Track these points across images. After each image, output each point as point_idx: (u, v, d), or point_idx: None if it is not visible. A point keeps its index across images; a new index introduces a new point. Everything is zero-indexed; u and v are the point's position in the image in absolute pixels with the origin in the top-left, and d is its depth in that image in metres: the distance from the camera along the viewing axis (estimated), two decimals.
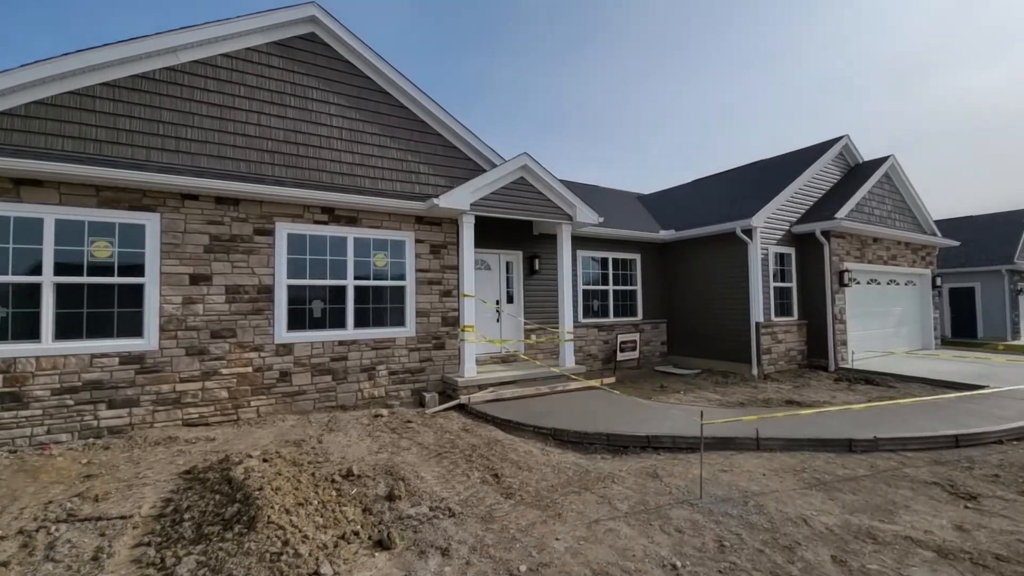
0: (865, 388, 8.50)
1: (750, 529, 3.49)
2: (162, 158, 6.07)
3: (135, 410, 5.78)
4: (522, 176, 8.23)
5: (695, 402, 7.51)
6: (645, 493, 4.13)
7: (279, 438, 5.66)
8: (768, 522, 3.60)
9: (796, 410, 6.84)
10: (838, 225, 9.87)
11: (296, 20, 6.97)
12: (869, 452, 5.15)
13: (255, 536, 3.08)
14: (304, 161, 6.98)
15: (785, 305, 10.34)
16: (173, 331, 6.02)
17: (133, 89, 5.97)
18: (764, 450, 5.23)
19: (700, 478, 4.17)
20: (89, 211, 5.66)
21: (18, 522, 3.62)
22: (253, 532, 3.13)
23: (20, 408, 5.25)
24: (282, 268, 6.71)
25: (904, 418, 6.10)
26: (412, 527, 3.49)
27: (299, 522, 3.30)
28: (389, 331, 7.51)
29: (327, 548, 3.11)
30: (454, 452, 5.23)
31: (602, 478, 4.49)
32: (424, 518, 3.62)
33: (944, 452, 5.18)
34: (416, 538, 3.35)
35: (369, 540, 3.32)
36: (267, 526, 3.16)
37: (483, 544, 3.28)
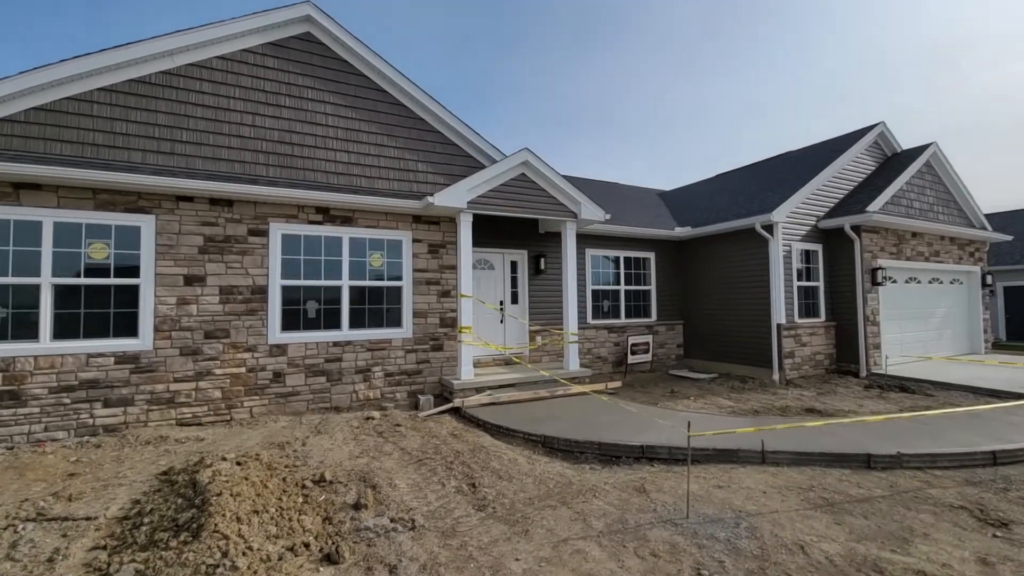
0: (898, 396, 7.79)
1: (736, 556, 3.12)
2: (158, 160, 6.15)
3: (130, 409, 5.86)
4: (523, 172, 7.97)
5: (703, 409, 7.05)
6: (627, 510, 3.80)
7: (266, 440, 5.61)
8: (759, 548, 3.21)
9: (814, 420, 6.30)
10: (869, 219, 9.12)
11: (291, 20, 6.96)
12: (891, 469, 4.63)
13: (197, 546, 2.96)
14: (299, 161, 6.96)
15: (811, 306, 9.66)
16: (167, 331, 6.08)
17: (130, 93, 6.08)
18: (770, 464, 4.79)
19: (687, 494, 3.81)
20: (86, 213, 5.78)
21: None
22: (197, 541, 3.01)
23: (19, 406, 5.39)
24: (276, 268, 6.69)
25: (937, 431, 5.50)
26: (367, 540, 3.30)
27: (248, 532, 3.16)
28: (385, 332, 7.39)
29: (270, 561, 2.96)
30: (436, 458, 5.02)
31: (584, 491, 4.18)
32: (383, 530, 3.43)
33: (979, 471, 4.60)
34: (368, 553, 3.16)
35: (320, 553, 3.15)
36: (212, 535, 3.03)
37: (435, 563, 3.05)
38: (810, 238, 9.72)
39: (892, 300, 10.04)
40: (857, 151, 10.49)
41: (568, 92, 63.03)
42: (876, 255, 9.66)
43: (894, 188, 9.81)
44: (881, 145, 11.06)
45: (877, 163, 10.96)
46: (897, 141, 11.01)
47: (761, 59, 67.21)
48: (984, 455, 4.78)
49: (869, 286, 9.46)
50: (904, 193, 10.16)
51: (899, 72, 68.79)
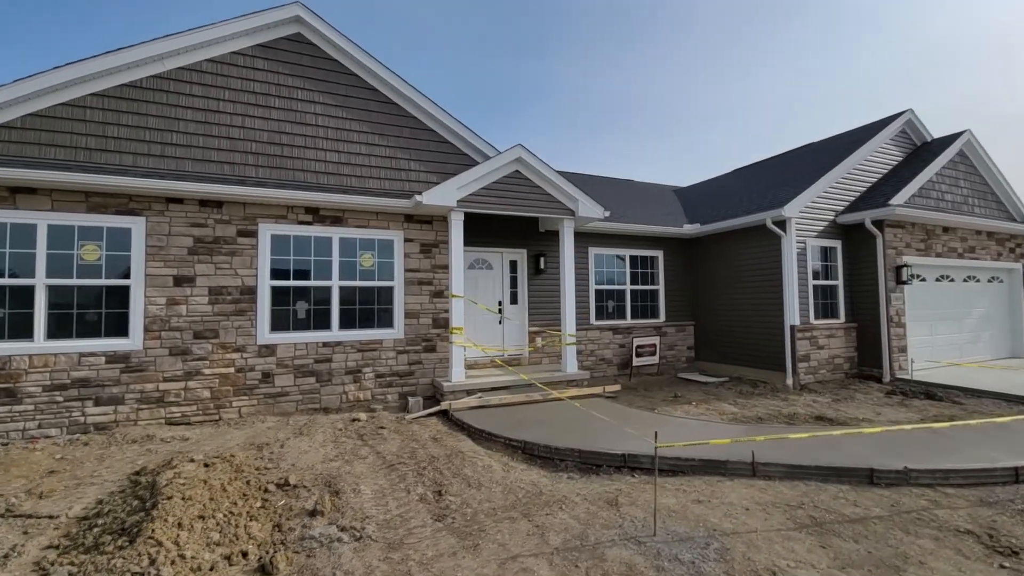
0: (922, 404, 7.20)
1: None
2: (148, 163, 6.25)
3: (120, 408, 5.97)
4: (517, 169, 7.77)
5: (703, 416, 6.68)
6: (591, 524, 3.55)
7: (248, 440, 5.60)
8: (724, 574, 2.92)
9: (822, 429, 5.87)
10: (892, 213, 8.49)
11: (281, 21, 6.97)
12: (896, 486, 4.21)
13: (129, 551, 2.90)
14: (288, 162, 6.97)
15: (829, 306, 9.08)
16: (157, 331, 6.17)
17: (121, 98, 6.19)
18: (761, 477, 4.44)
19: (655, 509, 3.53)
20: (79, 216, 5.92)
21: None
22: (131, 547, 2.95)
23: (14, 403, 5.56)
24: (265, 269, 6.71)
25: (957, 443, 5.01)
26: (308, 551, 3.18)
27: (187, 538, 3.09)
28: (376, 333, 7.33)
29: (200, 571, 2.87)
30: (409, 464, 4.89)
31: (552, 502, 3.96)
32: (327, 540, 3.30)
33: (998, 489, 4.13)
34: (305, 564, 3.03)
35: (257, 563, 3.04)
36: (146, 541, 2.97)
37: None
38: (828, 234, 9.14)
39: (920, 300, 9.34)
40: (881, 141, 9.82)
41: (598, 91, 62.22)
42: (901, 252, 9.00)
43: (922, 180, 9.12)
44: (909, 134, 10.32)
45: (904, 154, 10.23)
46: (927, 130, 10.25)
47: (806, 50, 64.71)
48: (1005, 472, 4.30)
49: (893, 285, 8.81)
50: (934, 185, 9.43)
51: (946, 63, 64.92)
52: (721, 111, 71.49)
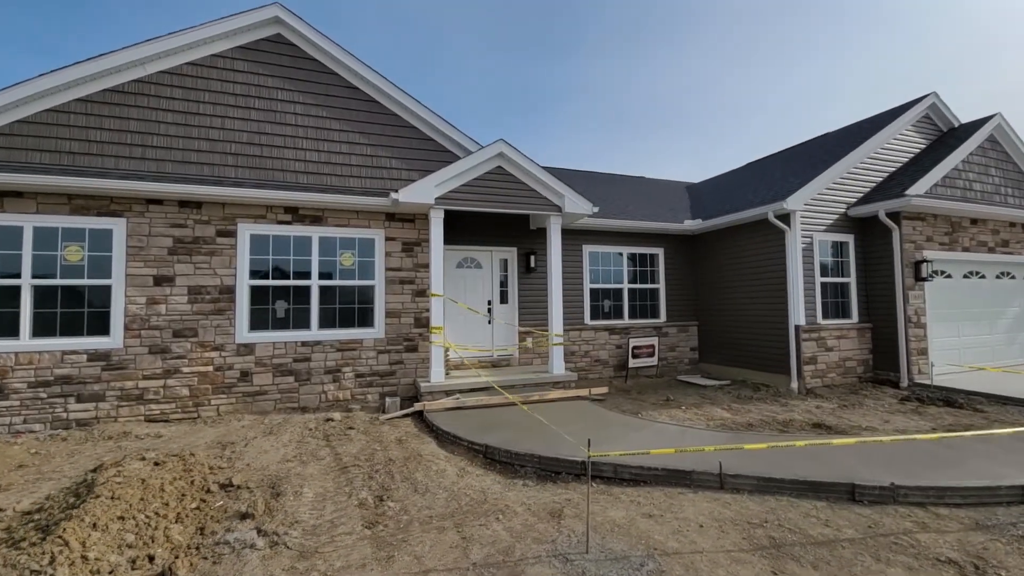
0: (938, 412, 6.58)
1: None
2: (129, 166, 6.39)
3: (101, 405, 6.10)
4: (499, 165, 7.57)
5: (688, 421, 6.29)
6: (523, 538, 3.32)
7: (217, 439, 5.62)
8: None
9: (816, 438, 5.43)
10: (907, 204, 7.83)
11: (260, 22, 7.01)
12: (880, 504, 3.79)
13: (36, 549, 2.87)
14: (268, 162, 7.00)
15: (840, 305, 8.47)
16: (137, 330, 6.28)
17: (104, 103, 6.35)
18: (729, 490, 4.09)
19: (587, 525, 3.26)
20: (63, 218, 6.09)
21: None
22: (37, 545, 2.92)
23: (1, 399, 5.75)
24: (244, 268, 6.75)
25: (963, 456, 4.51)
26: (216, 556, 3.08)
27: (97, 539, 3.04)
28: (356, 332, 7.27)
29: (98, 573, 2.80)
30: (363, 466, 4.76)
31: (492, 511, 3.74)
32: (241, 546, 3.19)
33: (1000, 511, 3.65)
34: (208, 571, 2.93)
35: (160, 567, 2.96)
36: (55, 540, 2.93)
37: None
38: (839, 228, 8.52)
39: (944, 298, 8.58)
40: (901, 127, 9.10)
41: (631, 89, 61.10)
42: (921, 246, 8.29)
43: (946, 168, 8.38)
44: (934, 119, 9.53)
45: (928, 141, 9.45)
46: (954, 115, 9.43)
47: (845, 39, 61.85)
48: (1011, 491, 3.80)
49: (911, 282, 8.13)
50: (960, 173, 8.66)
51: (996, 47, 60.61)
52: (756, 105, 69.06)
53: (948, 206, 8.24)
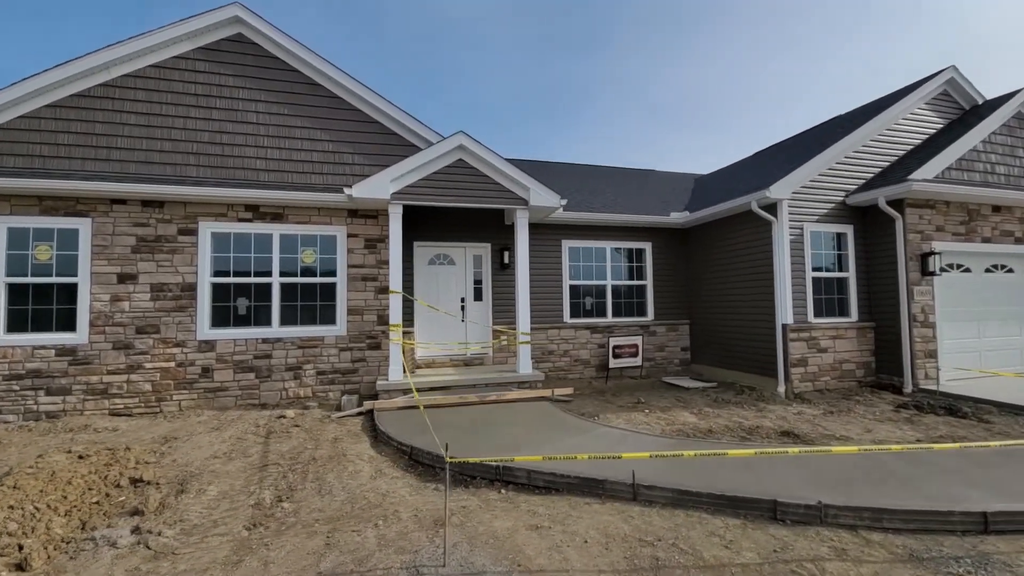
0: (935, 421, 5.90)
1: None
2: (95, 167, 6.62)
3: (68, 398, 6.37)
4: (460, 158, 7.38)
5: (644, 426, 5.90)
6: (388, 547, 3.13)
7: (166, 434, 5.73)
8: None
9: (774, 447, 4.96)
10: (909, 190, 7.06)
11: (221, 22, 7.11)
12: (804, 524, 3.36)
13: None
14: (230, 160, 7.09)
15: (837, 302, 7.77)
16: (102, 326, 6.51)
17: (72, 107, 6.61)
18: (643, 501, 3.75)
19: (445, 540, 3.03)
20: (34, 219, 6.38)
21: None
22: None
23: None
24: (205, 266, 6.88)
25: (933, 473, 3.97)
26: (76, 552, 3.06)
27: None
28: (317, 329, 7.28)
29: None
30: (284, 464, 4.71)
31: (378, 517, 3.58)
32: (105, 543, 3.17)
33: (948, 541, 3.15)
34: (61, 564, 2.91)
35: (20, 557, 2.97)
36: None
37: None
38: (836, 218, 7.81)
39: (960, 295, 7.72)
40: (912, 105, 8.24)
41: (663, 84, 59.42)
42: (929, 236, 7.47)
43: (960, 149, 7.52)
44: (954, 96, 8.58)
45: (947, 120, 8.52)
46: (977, 91, 8.45)
47: (878, 25, 57.81)
48: (967, 518, 3.28)
49: (917, 276, 7.34)
50: (979, 155, 7.75)
51: None
52: (792, 94, 65.62)
53: (961, 191, 7.38)
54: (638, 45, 53.03)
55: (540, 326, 8.95)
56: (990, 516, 3.26)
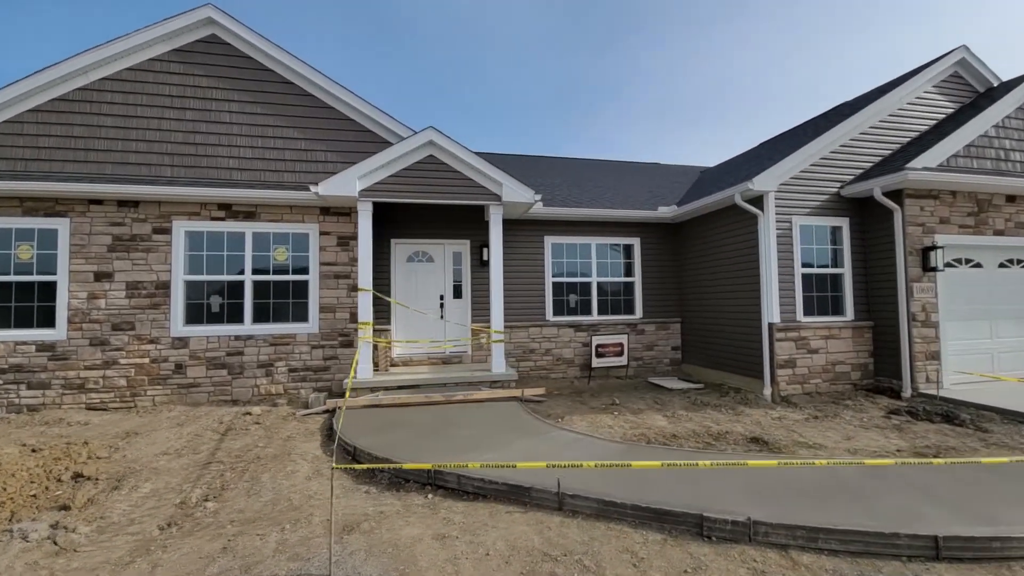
0: (927, 429, 5.44)
1: None
2: (74, 169, 6.80)
3: (47, 392, 6.57)
4: (430, 154, 7.26)
5: (603, 431, 5.66)
6: (284, 552, 3.04)
7: (132, 428, 5.83)
8: None
9: (728, 454, 4.68)
10: (905, 180, 6.54)
11: (194, 24, 7.18)
12: (730, 541, 3.10)
13: None
14: (203, 160, 7.17)
15: (831, 300, 7.30)
16: (79, 323, 6.69)
17: (52, 111, 6.80)
18: (567, 510, 3.55)
19: (330, 549, 2.90)
20: (15, 220, 6.60)
21: None
22: None
23: None
24: (179, 264, 6.99)
25: (889, 490, 3.62)
26: None
27: None
28: (289, 327, 7.30)
29: None
30: (227, 462, 4.71)
31: (291, 520, 3.50)
32: (19, 536, 3.20)
33: (888, 566, 2.84)
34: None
35: None
36: None
37: None
38: (830, 211, 7.33)
39: (969, 292, 7.13)
40: (918, 89, 7.65)
41: (687, 78, 57.91)
42: (932, 229, 6.92)
43: (969, 134, 6.94)
44: (966, 78, 7.92)
45: (958, 104, 7.88)
46: (992, 72, 7.77)
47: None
48: (915, 541, 2.95)
49: (917, 272, 6.82)
50: (991, 141, 7.13)
51: None
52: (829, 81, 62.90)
53: (967, 180, 6.80)
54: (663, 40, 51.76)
55: (521, 324, 8.77)
56: (942, 541, 2.92)
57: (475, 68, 59.84)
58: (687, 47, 54.54)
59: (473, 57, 58.63)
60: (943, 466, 4.04)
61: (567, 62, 55.81)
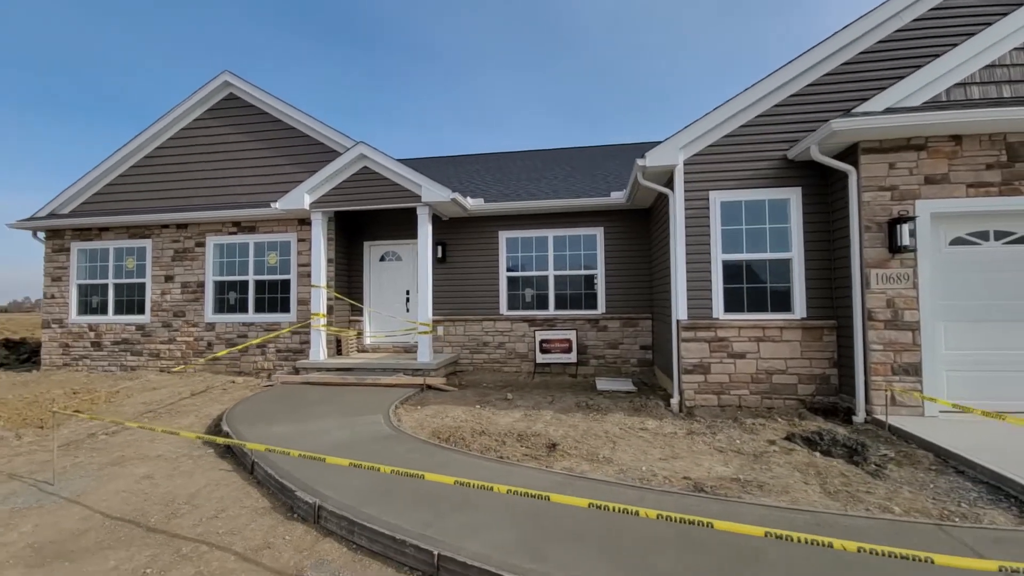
0: (802, 463, 4.19)
1: None
2: (155, 204, 9.79)
3: (140, 358, 9.67)
4: (364, 166, 8.21)
5: (439, 421, 5.79)
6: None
7: (155, 385, 8.29)
8: None
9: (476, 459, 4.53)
10: (849, 128, 4.86)
11: (218, 86, 9.55)
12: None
13: None
14: (222, 189, 9.51)
15: (772, 293, 5.82)
16: (156, 311, 9.64)
17: (143, 166, 9.91)
18: (321, 524, 4.14)
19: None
20: (125, 241, 9.87)
21: None
22: None
23: (98, 350, 9.84)
24: (210, 269, 9.44)
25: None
26: None
27: None
28: (277, 317, 9.15)
29: None
30: (190, 400, 6.50)
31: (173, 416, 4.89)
32: None
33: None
34: None
35: None
36: None
37: None
38: (771, 181, 5.83)
39: (981, 282, 4.89)
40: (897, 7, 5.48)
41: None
42: (911, 193, 4.96)
43: (960, 57, 4.79)
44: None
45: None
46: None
47: None
48: (417, 552, 2.76)
49: (880, 254, 4.99)
50: (995, 70, 4.73)
51: None
52: None
53: (975, 118, 4.68)
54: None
55: (475, 317, 9.09)
56: (444, 561, 2.66)
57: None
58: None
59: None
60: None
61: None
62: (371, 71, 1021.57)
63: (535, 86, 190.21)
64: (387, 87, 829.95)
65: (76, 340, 9.96)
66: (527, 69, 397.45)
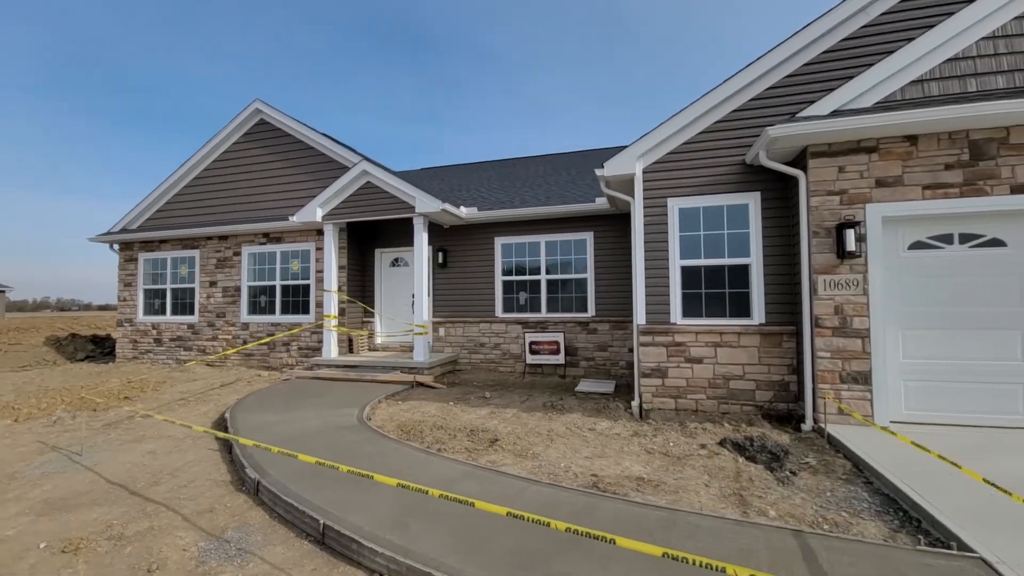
0: (718, 467, 4.30)
1: None
2: (202, 219, 11.21)
3: (190, 354, 11.12)
4: (367, 181, 8.97)
5: (409, 416, 6.34)
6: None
7: (194, 378, 9.56)
8: None
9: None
10: (799, 132, 4.81)
11: (251, 113, 10.76)
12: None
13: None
14: (255, 204, 10.70)
15: (732, 299, 5.80)
16: (202, 312, 11.04)
17: (190, 187, 11.37)
18: (259, 496, 4.89)
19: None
20: (179, 252, 11.38)
21: None
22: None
23: (159, 346, 11.43)
24: (245, 275, 10.67)
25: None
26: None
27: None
28: (299, 318, 10.18)
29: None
30: (217, 390, 7.60)
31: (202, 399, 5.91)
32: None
33: None
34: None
35: None
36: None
37: None
38: (731, 186, 5.81)
39: (942, 288, 4.64)
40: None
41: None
42: (862, 197, 4.81)
43: (917, 52, 4.58)
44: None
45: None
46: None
47: None
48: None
49: (829, 260, 4.88)
50: (958, 63, 4.44)
51: None
52: None
53: (933, 117, 4.49)
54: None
55: (473, 320, 9.59)
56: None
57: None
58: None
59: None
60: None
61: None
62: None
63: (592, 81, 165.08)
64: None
65: (142, 337, 11.63)
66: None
